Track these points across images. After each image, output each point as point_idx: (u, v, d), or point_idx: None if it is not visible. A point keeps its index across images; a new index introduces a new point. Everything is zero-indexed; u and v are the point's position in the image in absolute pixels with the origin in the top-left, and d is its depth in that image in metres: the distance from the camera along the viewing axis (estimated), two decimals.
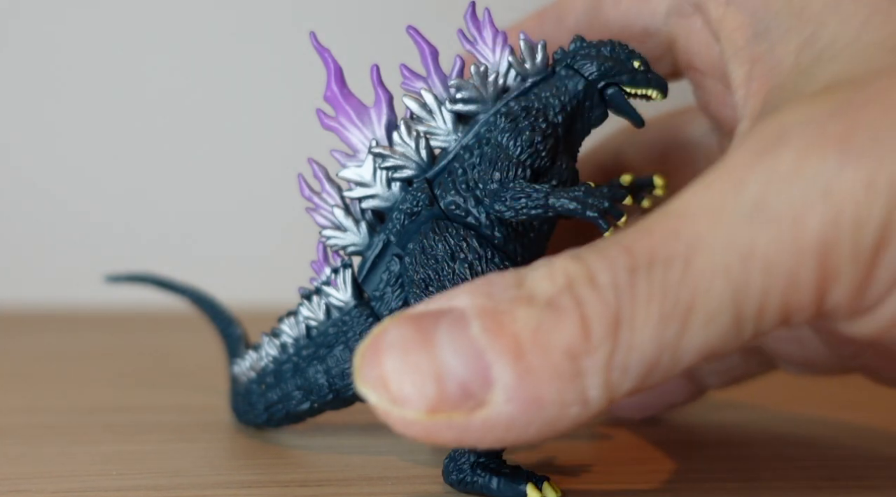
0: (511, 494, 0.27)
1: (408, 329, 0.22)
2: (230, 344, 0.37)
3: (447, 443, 0.22)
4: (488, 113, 0.30)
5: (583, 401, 0.21)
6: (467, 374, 0.21)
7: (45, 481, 0.29)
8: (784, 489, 0.30)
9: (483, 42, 0.30)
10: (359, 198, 0.31)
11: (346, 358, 0.31)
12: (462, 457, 0.28)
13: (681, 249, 0.21)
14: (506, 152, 0.29)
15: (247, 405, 0.34)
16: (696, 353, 0.21)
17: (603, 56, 0.30)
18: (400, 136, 0.30)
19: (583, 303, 0.21)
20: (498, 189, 0.28)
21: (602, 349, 0.21)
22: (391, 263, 0.30)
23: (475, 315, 0.22)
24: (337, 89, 0.31)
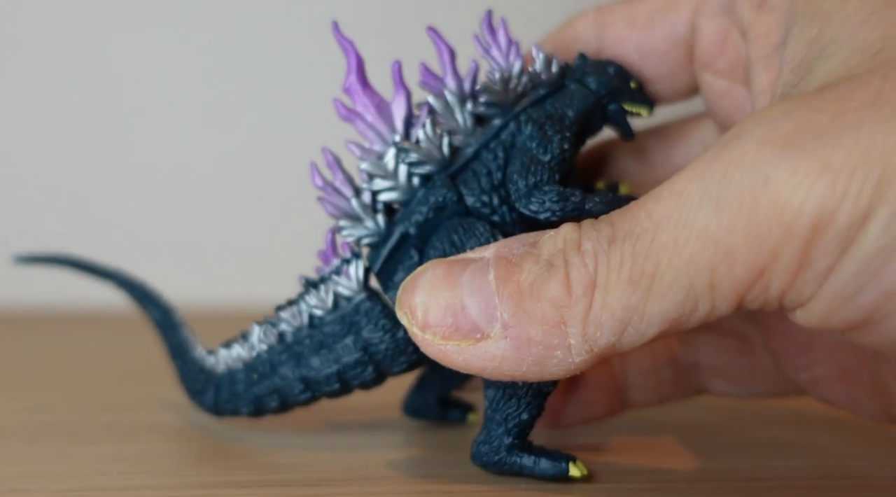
0: (554, 473, 0.29)
1: (440, 270, 0.27)
2: (168, 331, 0.37)
3: (457, 365, 0.26)
4: (506, 117, 0.31)
5: (565, 346, 0.25)
6: (478, 312, 0.26)
7: (45, 481, 0.29)
8: (784, 489, 0.30)
9: (497, 49, 0.31)
10: (378, 190, 0.31)
11: (356, 348, 0.31)
12: (496, 440, 0.29)
13: (650, 226, 0.24)
14: (536, 157, 0.30)
15: (228, 394, 0.34)
16: (659, 319, 0.24)
17: (608, 75, 0.32)
18: (425, 132, 0.31)
19: (569, 264, 0.25)
20: (533, 191, 0.30)
21: (580, 304, 0.25)
22: (410, 255, 0.31)
23: (494, 264, 0.26)
24: (358, 81, 0.31)
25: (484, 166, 0.31)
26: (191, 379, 0.35)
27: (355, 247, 0.32)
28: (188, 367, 0.36)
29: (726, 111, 0.32)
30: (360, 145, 0.31)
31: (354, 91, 0.31)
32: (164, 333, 0.38)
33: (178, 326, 0.37)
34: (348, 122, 0.31)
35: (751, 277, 0.23)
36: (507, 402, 0.29)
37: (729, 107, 0.32)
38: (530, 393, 0.29)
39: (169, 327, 0.37)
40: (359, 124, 0.31)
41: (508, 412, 0.29)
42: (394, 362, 0.31)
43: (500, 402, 0.29)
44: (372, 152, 0.31)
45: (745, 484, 0.30)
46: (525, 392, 0.29)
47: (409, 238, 0.31)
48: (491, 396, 0.29)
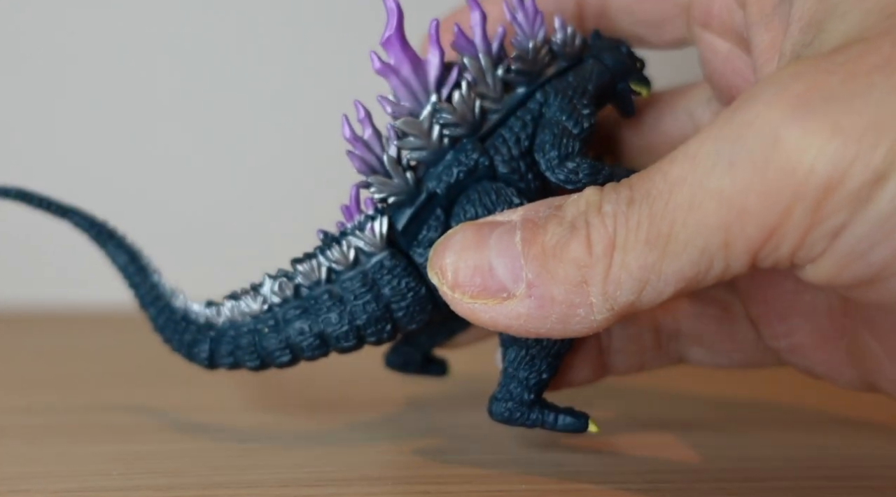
0: (575, 427, 0.31)
1: (470, 232, 0.28)
2: (135, 276, 0.35)
3: (484, 323, 0.27)
4: (532, 86, 0.32)
5: (587, 304, 0.26)
6: (504, 272, 0.27)
7: (45, 481, 0.29)
8: (784, 489, 0.30)
9: (524, 16, 0.31)
10: (411, 148, 0.31)
11: (377, 305, 0.31)
12: (517, 396, 0.31)
13: (665, 188, 0.25)
14: (568, 129, 0.31)
15: (231, 346, 0.33)
16: (675, 277, 0.25)
17: (621, 54, 0.33)
18: (461, 94, 0.31)
19: (590, 226, 0.26)
20: (565, 161, 0.31)
21: (600, 264, 0.25)
22: (436, 215, 0.31)
23: (520, 226, 0.27)
24: (397, 35, 0.30)
25: (512, 133, 0.31)
26: (172, 329, 0.34)
27: (379, 204, 0.31)
28: (165, 315, 0.34)
29: (719, 68, 0.33)
30: (391, 101, 0.31)
31: (392, 45, 0.30)
32: (131, 279, 0.36)
33: (145, 271, 0.36)
34: (382, 75, 0.30)
35: (763, 236, 0.24)
36: (529, 362, 0.31)
37: (722, 64, 0.33)
38: (550, 354, 0.31)
39: (136, 272, 0.36)
40: (393, 79, 0.30)
41: (531, 371, 0.31)
42: (412, 320, 0.32)
43: (522, 362, 0.31)
44: (403, 109, 0.31)
45: (744, 484, 0.30)
46: (545, 353, 0.31)
47: (436, 198, 0.31)
48: (513, 357, 0.31)
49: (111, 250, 0.36)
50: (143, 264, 0.36)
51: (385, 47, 0.30)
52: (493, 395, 0.32)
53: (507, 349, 0.32)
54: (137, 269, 0.36)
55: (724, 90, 0.33)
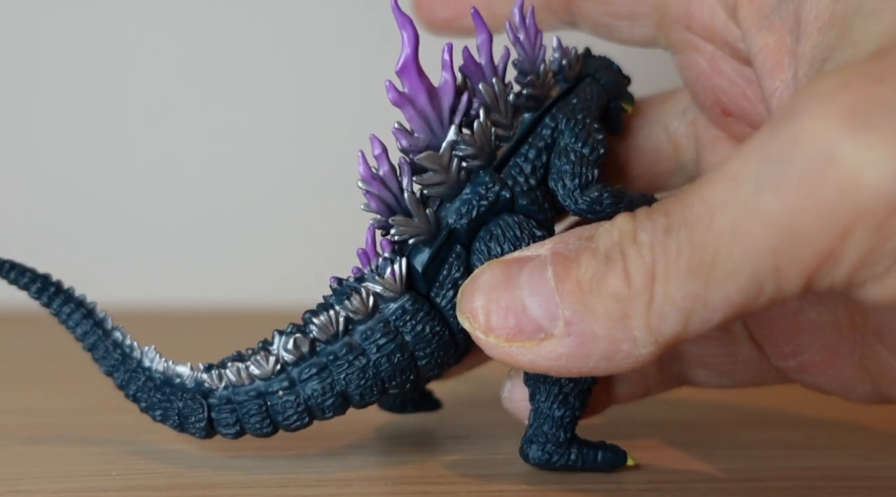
0: (616, 462, 0.30)
1: (498, 271, 0.26)
2: (92, 334, 0.31)
3: (523, 366, 0.26)
4: (539, 111, 0.31)
5: (630, 339, 0.25)
6: (539, 311, 0.25)
7: (45, 481, 0.29)
8: (784, 489, 0.30)
9: (526, 36, 0.30)
10: (430, 184, 0.29)
11: (402, 355, 0.29)
12: (553, 437, 0.30)
13: (706, 212, 0.23)
14: (584, 155, 0.30)
15: (239, 413, 0.30)
16: (723, 305, 0.24)
17: (614, 72, 0.33)
18: (480, 124, 0.29)
19: (626, 257, 0.24)
20: (585, 190, 0.30)
21: (641, 296, 0.24)
22: (456, 253, 0.30)
23: (551, 261, 0.26)
24: (413, 62, 0.29)
25: (528, 162, 0.30)
26: (155, 398, 0.30)
27: (397, 245, 0.29)
28: (139, 380, 0.31)
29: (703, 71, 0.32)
30: (406, 133, 0.29)
31: (408, 72, 0.29)
32: (87, 340, 0.31)
33: (104, 328, 0.31)
34: (397, 106, 0.29)
35: (819, 259, 0.22)
36: (563, 400, 0.30)
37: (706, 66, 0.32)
38: (583, 389, 0.30)
39: (90, 331, 0.31)
40: (408, 110, 0.29)
41: (566, 409, 0.30)
42: (437, 366, 0.30)
43: (554, 402, 0.30)
44: (418, 141, 0.29)
45: (744, 484, 0.30)
46: (579, 389, 0.30)
47: (455, 235, 0.30)
48: (544, 396, 0.30)
49: (58, 307, 0.31)
50: (100, 318, 0.31)
51: (400, 75, 0.29)
52: (525, 437, 0.30)
53: (535, 387, 0.30)
54: (93, 324, 0.31)
55: (708, 96, 0.32)
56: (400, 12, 0.29)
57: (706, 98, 0.32)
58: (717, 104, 0.32)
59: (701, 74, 0.32)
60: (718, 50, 0.31)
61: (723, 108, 0.32)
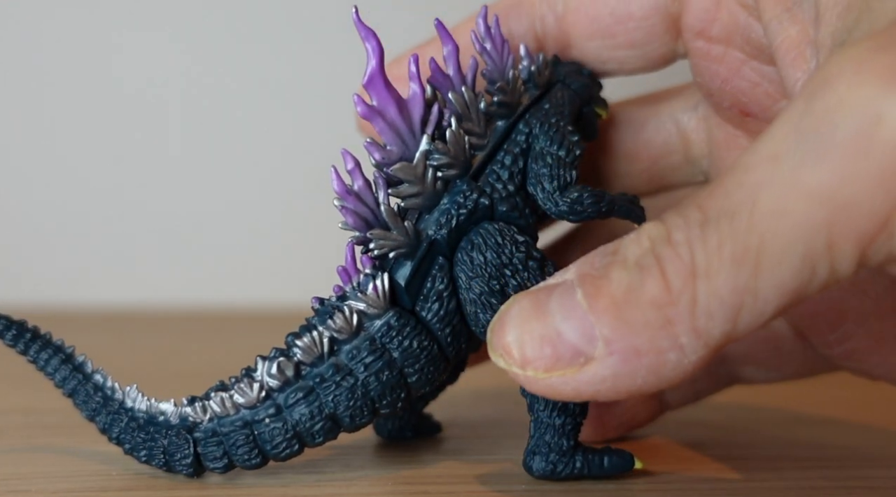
0: (623, 468, 0.29)
1: (525, 302, 0.25)
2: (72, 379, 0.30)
3: (568, 396, 0.24)
4: (511, 118, 0.31)
5: (677, 347, 0.23)
6: (575, 335, 0.24)
7: (45, 481, 0.29)
8: (784, 489, 0.30)
9: (493, 45, 0.30)
10: (407, 196, 0.29)
11: (391, 373, 0.29)
12: (556, 446, 0.29)
13: (746, 197, 0.22)
14: (561, 158, 0.30)
15: (227, 447, 0.29)
16: (776, 293, 0.22)
17: (584, 77, 0.32)
18: (452, 132, 0.29)
19: (661, 259, 0.23)
20: (564, 192, 0.30)
21: (683, 298, 0.23)
22: (438, 264, 0.29)
23: (578, 283, 0.24)
24: (379, 75, 0.28)
25: (505, 169, 0.30)
26: (138, 439, 0.29)
27: (377, 260, 0.29)
28: (122, 422, 0.30)
29: (723, 77, 0.31)
30: (378, 147, 0.29)
31: (375, 85, 0.28)
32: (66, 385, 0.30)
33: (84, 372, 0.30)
34: (367, 119, 0.29)
35: (876, 226, 0.21)
36: (561, 408, 0.29)
37: (726, 72, 0.31)
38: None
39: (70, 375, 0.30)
40: (378, 123, 0.29)
41: (566, 417, 0.29)
42: (427, 382, 0.29)
43: (554, 410, 0.29)
44: (391, 154, 0.29)
45: (744, 484, 0.30)
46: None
47: (435, 246, 0.29)
48: (542, 405, 0.29)
49: (35, 354, 0.30)
50: (80, 362, 0.30)
51: (367, 89, 0.28)
52: (527, 449, 0.29)
53: (533, 397, 0.29)
54: (73, 369, 0.30)
55: (726, 98, 0.32)
56: (362, 25, 0.28)
57: (724, 100, 0.32)
58: (736, 105, 0.32)
59: (718, 79, 0.31)
60: (738, 52, 0.31)
61: (742, 109, 0.32)
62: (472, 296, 0.29)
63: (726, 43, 0.31)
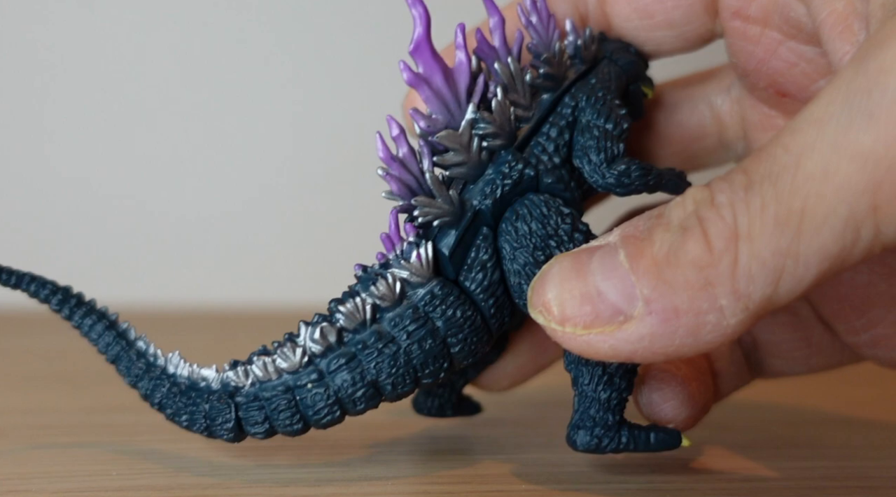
0: (669, 444, 0.29)
1: (567, 262, 0.25)
2: (115, 345, 0.30)
3: (604, 354, 0.25)
4: (557, 91, 0.31)
5: (716, 309, 0.23)
6: (615, 294, 0.24)
7: (45, 481, 0.29)
8: (784, 489, 0.30)
9: (539, 19, 0.30)
10: (451, 165, 0.29)
11: (434, 341, 0.28)
12: (601, 421, 0.29)
13: (790, 160, 0.22)
14: (606, 130, 0.30)
15: (267, 411, 0.29)
16: (817, 257, 0.22)
17: (632, 55, 0.32)
18: (498, 103, 0.29)
19: (704, 221, 0.23)
20: (611, 165, 0.30)
21: (724, 260, 0.23)
22: (482, 234, 0.29)
23: (621, 244, 0.25)
24: (426, 42, 0.28)
25: (550, 141, 0.30)
26: (180, 402, 0.29)
27: (420, 228, 0.29)
28: (164, 387, 0.30)
29: (760, 57, 0.31)
30: (424, 114, 0.29)
31: (422, 53, 0.28)
32: (110, 351, 0.31)
33: (127, 338, 0.31)
34: (413, 86, 0.28)
35: None
36: (606, 382, 0.28)
37: (763, 53, 0.31)
38: (629, 369, 0.29)
39: (114, 340, 0.31)
40: (424, 90, 0.28)
41: (612, 391, 0.29)
42: (470, 353, 0.29)
43: (599, 383, 0.28)
44: (436, 122, 0.29)
45: (744, 484, 0.30)
46: (619, 370, 0.28)
47: (480, 216, 0.29)
48: (587, 379, 0.28)
49: (80, 319, 0.31)
50: (123, 329, 0.31)
51: (414, 56, 0.28)
52: (572, 422, 0.29)
53: (578, 371, 0.29)
54: (117, 336, 0.30)
55: (762, 78, 0.32)
56: None
57: (760, 80, 0.32)
58: (772, 86, 0.32)
59: (754, 60, 0.31)
60: (775, 32, 0.31)
61: (778, 89, 0.32)
62: (517, 266, 0.29)
63: (763, 23, 0.31)
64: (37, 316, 0.63)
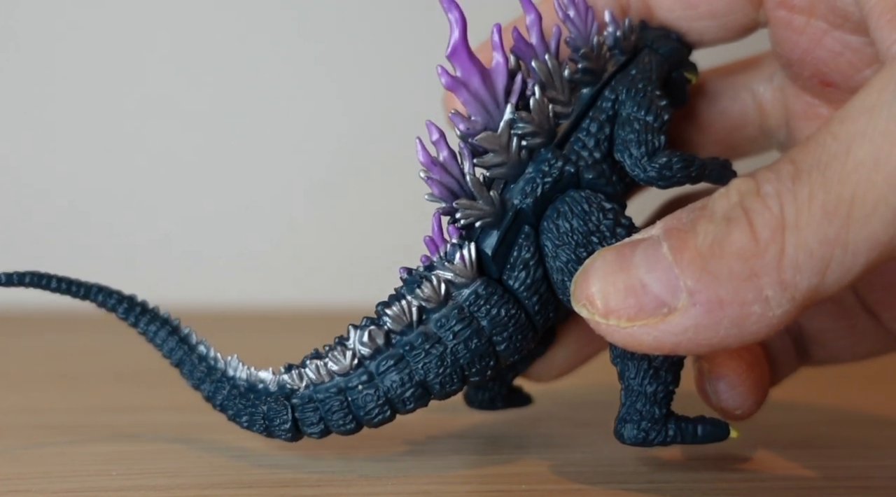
0: (718, 436, 0.29)
1: (610, 256, 0.25)
2: (179, 350, 0.32)
3: (648, 346, 0.25)
4: (597, 85, 0.31)
5: (762, 299, 0.23)
6: (659, 286, 0.24)
7: (45, 481, 0.29)
8: (784, 489, 0.30)
9: (577, 13, 0.30)
10: (492, 165, 0.29)
11: (480, 341, 0.29)
12: (648, 414, 0.29)
13: (840, 148, 0.22)
14: (648, 123, 0.30)
15: (322, 412, 0.30)
16: (867, 245, 0.22)
17: (674, 41, 0.32)
18: (536, 101, 0.29)
19: (749, 211, 0.23)
20: (653, 157, 0.29)
21: (770, 250, 0.23)
22: (524, 233, 0.29)
23: (664, 236, 0.25)
24: (462, 45, 0.28)
25: (590, 136, 0.30)
26: (240, 404, 0.30)
27: (463, 230, 0.29)
28: (226, 389, 0.31)
29: (804, 47, 0.31)
30: (463, 117, 0.29)
31: (459, 56, 0.28)
32: (174, 355, 0.32)
33: (189, 341, 0.32)
34: (451, 90, 0.29)
35: None
36: (652, 375, 0.29)
37: (807, 42, 0.31)
38: (675, 362, 0.29)
39: (177, 345, 0.32)
40: (462, 93, 0.29)
41: (659, 385, 0.29)
42: (515, 350, 0.29)
43: (645, 377, 0.29)
44: (476, 124, 0.29)
45: (744, 484, 0.30)
46: (670, 362, 0.29)
47: (521, 215, 0.29)
48: (633, 372, 0.29)
49: (145, 326, 0.32)
50: (185, 334, 0.32)
51: (451, 60, 0.29)
52: (619, 416, 0.29)
53: (624, 365, 0.29)
54: (179, 341, 0.32)
55: (806, 68, 0.31)
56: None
57: (804, 70, 0.32)
58: (817, 75, 0.32)
59: (799, 49, 0.31)
60: (820, 22, 0.30)
61: (822, 79, 0.32)
62: (559, 264, 0.29)
63: (809, 13, 0.31)
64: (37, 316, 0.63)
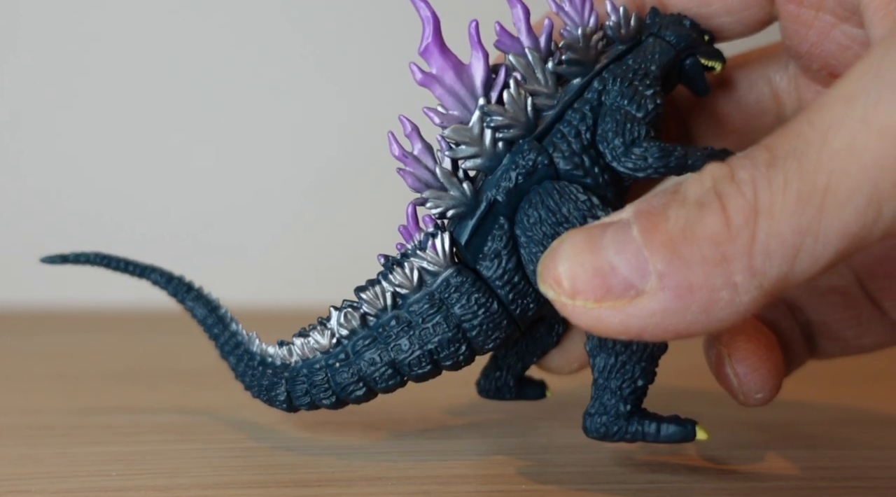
0: (681, 436, 0.29)
1: (579, 237, 0.25)
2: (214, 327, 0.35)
3: (614, 329, 0.24)
4: (588, 76, 0.30)
5: (731, 285, 0.23)
6: (627, 268, 0.24)
7: (45, 481, 0.29)
8: (784, 489, 0.30)
9: (571, 5, 0.30)
10: (463, 157, 0.30)
11: (448, 326, 0.30)
12: (612, 409, 0.29)
13: (816, 136, 0.22)
14: (631, 113, 0.29)
15: (306, 386, 0.31)
16: (837, 235, 0.22)
17: (685, 27, 0.32)
18: (510, 93, 0.29)
19: (723, 196, 0.23)
20: (631, 148, 0.29)
21: (742, 236, 0.23)
22: (499, 224, 0.30)
23: (635, 219, 0.24)
24: (434, 42, 0.29)
25: (571, 127, 0.30)
26: (251, 375, 0.33)
27: (438, 219, 0.30)
28: (244, 362, 0.33)
29: (813, 40, 0.31)
30: (438, 111, 0.30)
31: (431, 53, 0.29)
32: (211, 330, 0.35)
33: (224, 320, 0.35)
34: (425, 86, 0.29)
35: None
36: (620, 369, 0.29)
37: (816, 36, 0.31)
38: (643, 358, 0.29)
39: (215, 323, 0.35)
40: (436, 89, 0.29)
41: (624, 379, 0.29)
42: (487, 338, 0.30)
43: (614, 371, 0.29)
44: (452, 118, 0.30)
45: (744, 484, 0.30)
46: (638, 358, 0.29)
47: (497, 206, 0.30)
48: (602, 365, 0.29)
49: (190, 304, 0.36)
50: (222, 314, 0.35)
51: (424, 57, 0.29)
52: (586, 410, 0.30)
53: (594, 358, 0.29)
54: (216, 319, 0.35)
55: (815, 61, 0.31)
56: None
57: (813, 62, 0.32)
58: (826, 68, 0.32)
59: (808, 43, 0.31)
60: (828, 16, 0.31)
61: (831, 71, 0.32)
62: (530, 254, 0.29)
63: (818, 7, 0.31)
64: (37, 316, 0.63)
